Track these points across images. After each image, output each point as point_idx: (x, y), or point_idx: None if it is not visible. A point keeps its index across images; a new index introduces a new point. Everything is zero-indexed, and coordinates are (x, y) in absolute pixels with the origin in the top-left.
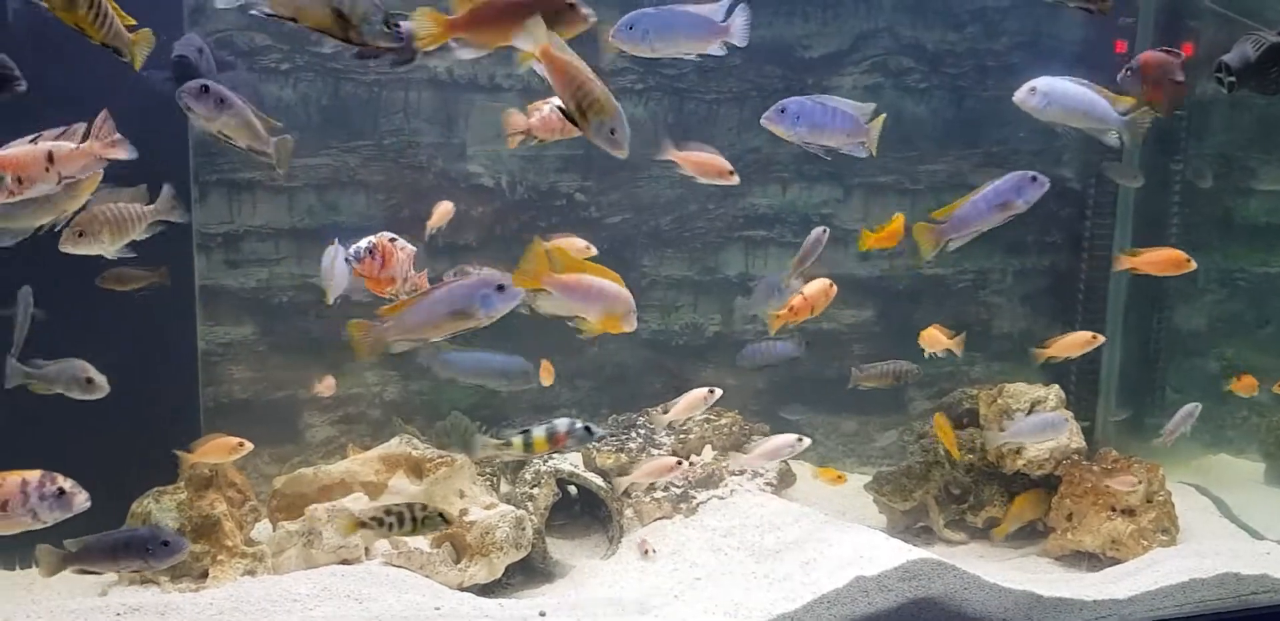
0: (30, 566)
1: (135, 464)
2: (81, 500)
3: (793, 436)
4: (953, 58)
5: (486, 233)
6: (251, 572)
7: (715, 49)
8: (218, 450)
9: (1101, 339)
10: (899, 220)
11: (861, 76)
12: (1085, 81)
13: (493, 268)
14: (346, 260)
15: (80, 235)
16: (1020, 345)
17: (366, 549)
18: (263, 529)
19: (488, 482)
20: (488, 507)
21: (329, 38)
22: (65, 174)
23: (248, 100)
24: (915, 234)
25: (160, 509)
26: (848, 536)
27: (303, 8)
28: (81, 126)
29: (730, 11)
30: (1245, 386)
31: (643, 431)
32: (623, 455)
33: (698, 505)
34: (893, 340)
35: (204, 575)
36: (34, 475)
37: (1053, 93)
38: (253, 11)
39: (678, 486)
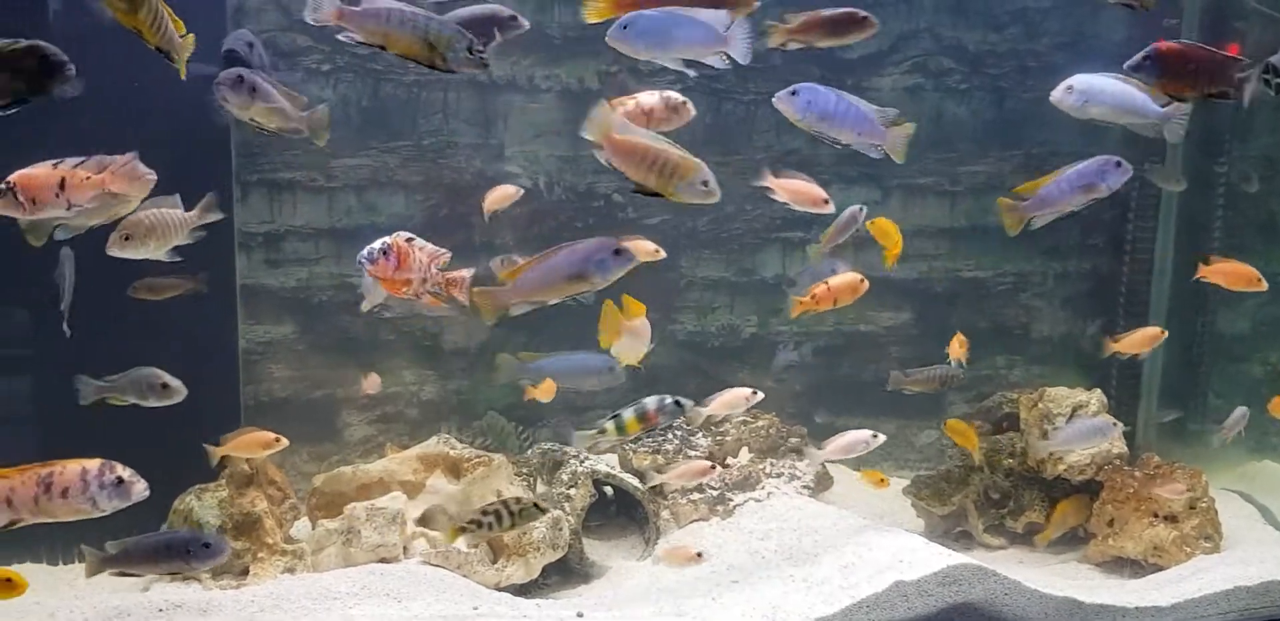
0: (73, 561)
1: (177, 461)
2: (140, 489)
3: (867, 432)
4: (994, 58)
5: (523, 233)
6: (291, 570)
7: (714, 60)
8: (251, 444)
9: (1165, 334)
10: (882, 225)
11: (902, 77)
12: (1121, 77)
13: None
14: (360, 262)
15: (127, 239)
16: (1060, 349)
17: (405, 548)
18: (301, 527)
19: (525, 483)
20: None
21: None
22: (74, 202)
23: (276, 82)
24: (1001, 209)
25: (202, 506)
26: (887, 540)
27: (391, 35)
28: (106, 160)
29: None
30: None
31: (679, 432)
32: (659, 456)
33: (734, 507)
34: (931, 343)
35: (245, 572)
36: (94, 464)
37: (1090, 90)
38: (341, 37)
39: (714, 488)
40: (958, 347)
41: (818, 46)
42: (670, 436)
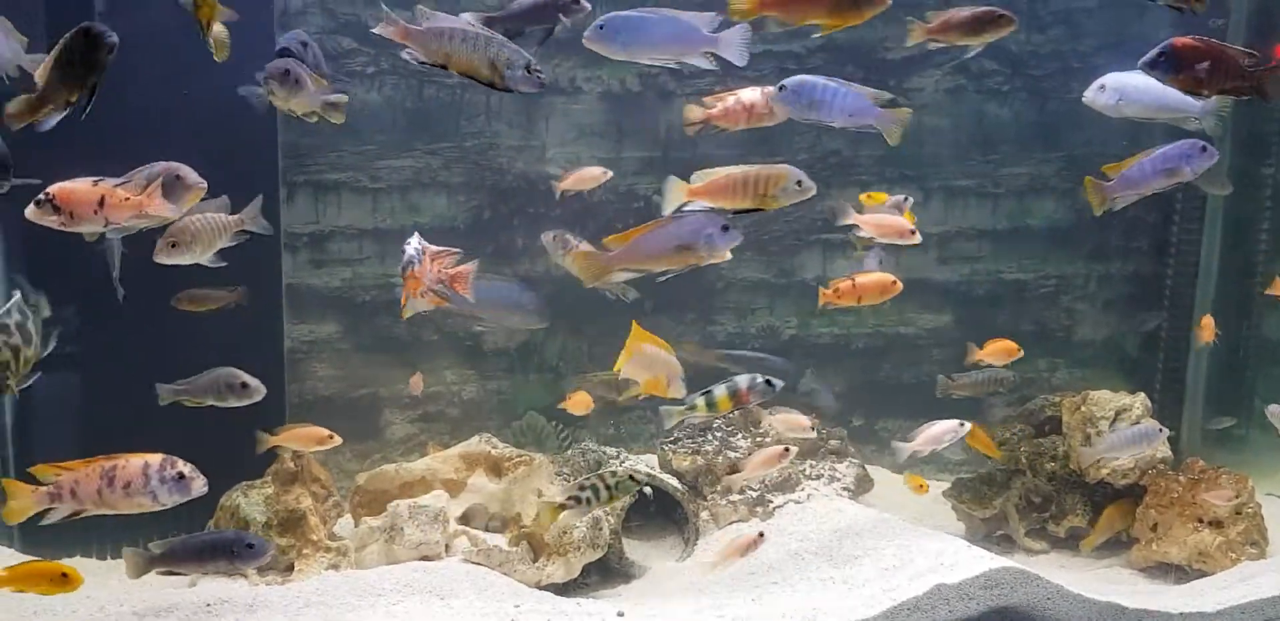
0: (120, 556)
1: (223, 458)
2: (199, 485)
3: (955, 422)
4: (1036, 60)
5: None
6: (335, 567)
7: (700, 60)
8: (305, 437)
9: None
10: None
11: (943, 78)
12: None
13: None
14: (408, 265)
15: (174, 246)
16: (1103, 352)
17: (447, 546)
18: (344, 524)
19: (565, 482)
20: None
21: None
22: (112, 220)
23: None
24: (1086, 188)
25: (248, 502)
26: (928, 543)
27: (453, 55)
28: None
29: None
30: None
31: (719, 433)
32: (699, 457)
33: (774, 509)
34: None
35: (289, 568)
36: (156, 459)
37: (1124, 88)
38: (405, 55)
39: (754, 490)
40: (996, 354)
41: (956, 45)
42: (710, 437)
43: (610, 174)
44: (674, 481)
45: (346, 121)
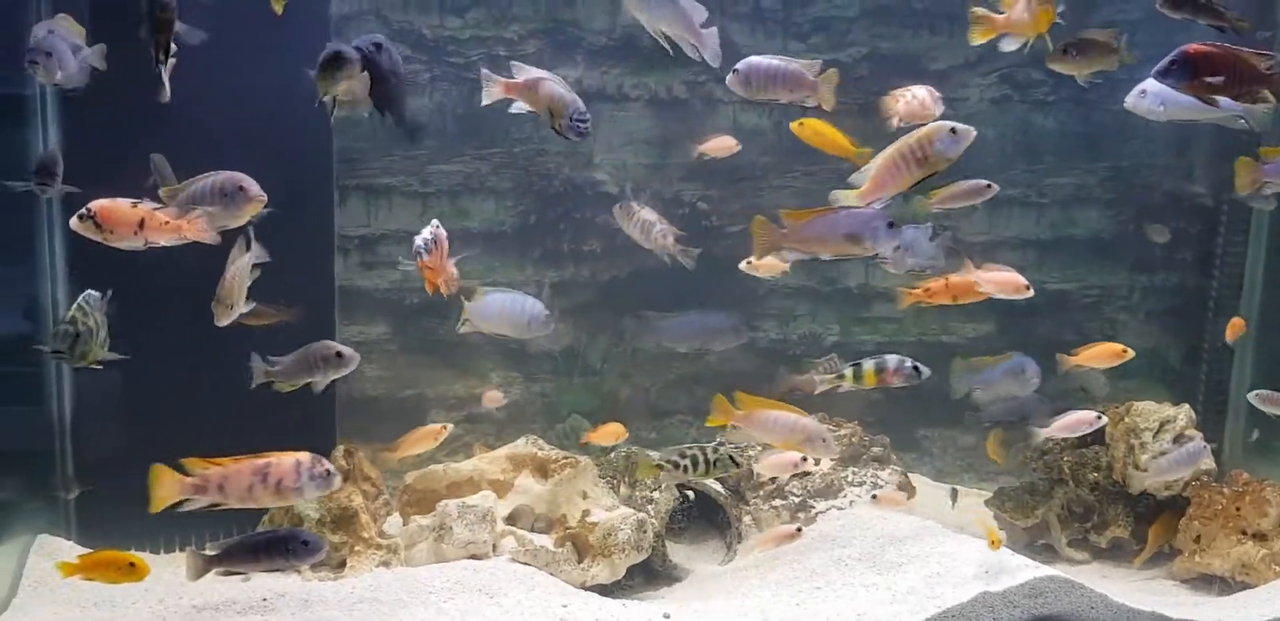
0: (175, 550)
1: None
2: (337, 482)
3: (1092, 413)
4: None
5: (610, 240)
6: (386, 564)
7: (685, 46)
8: (423, 439)
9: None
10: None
11: (989, 88)
12: None
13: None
14: (417, 253)
15: (230, 307)
16: (1146, 363)
17: (494, 545)
18: (393, 522)
19: (609, 485)
20: (609, 509)
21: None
22: (150, 241)
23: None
24: (1237, 167)
25: (305, 503)
26: (972, 551)
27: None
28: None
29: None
30: None
31: None
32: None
33: (816, 514)
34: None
35: (341, 565)
36: (305, 457)
37: (1163, 91)
38: (513, 110)
39: (796, 495)
40: (1099, 358)
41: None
42: (752, 443)
43: (739, 148)
44: (717, 485)
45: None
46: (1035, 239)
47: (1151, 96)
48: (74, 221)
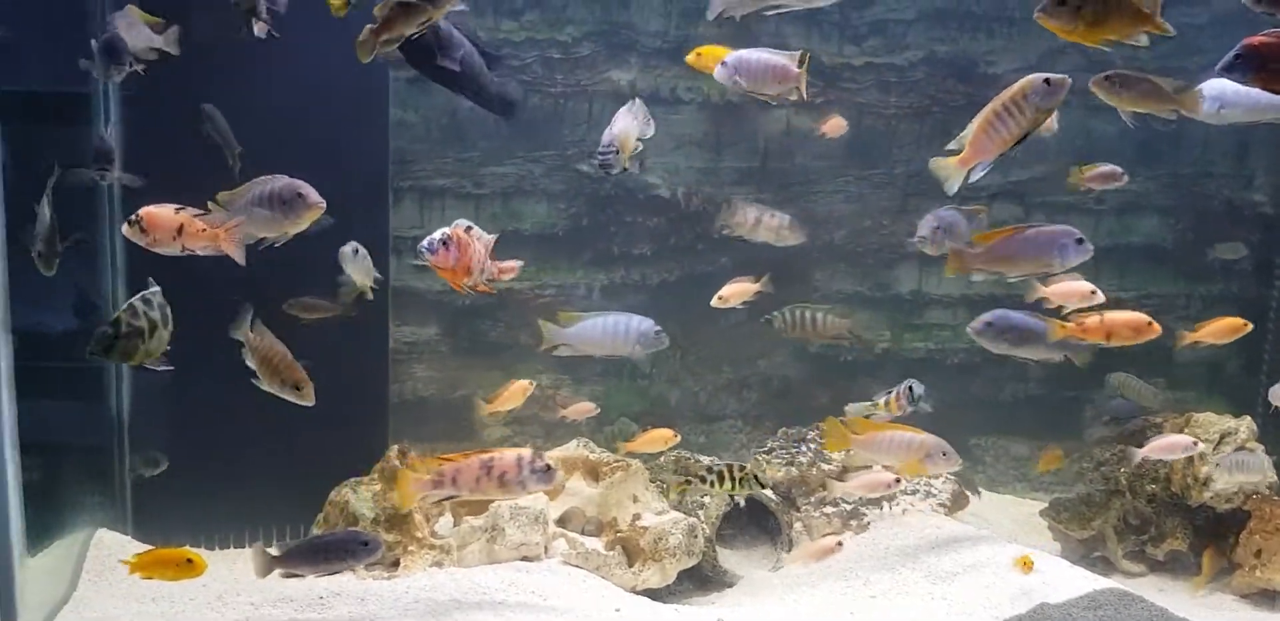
0: (229, 546)
1: (331, 455)
2: (559, 478)
3: (1189, 439)
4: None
5: (661, 243)
6: (439, 564)
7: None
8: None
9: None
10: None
11: None
12: None
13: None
14: (419, 252)
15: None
16: (1204, 373)
17: (545, 547)
18: (444, 522)
19: (659, 489)
20: (660, 514)
21: None
22: (188, 247)
23: None
24: None
25: (357, 499)
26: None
27: None
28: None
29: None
30: None
31: (813, 445)
32: (793, 468)
33: (868, 522)
34: (1071, 364)
35: (395, 564)
36: (526, 452)
37: (1222, 94)
38: None
39: (848, 502)
40: (1219, 333)
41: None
42: (804, 449)
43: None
44: (768, 491)
45: (452, 129)
46: (1093, 246)
47: (1210, 100)
48: (125, 227)
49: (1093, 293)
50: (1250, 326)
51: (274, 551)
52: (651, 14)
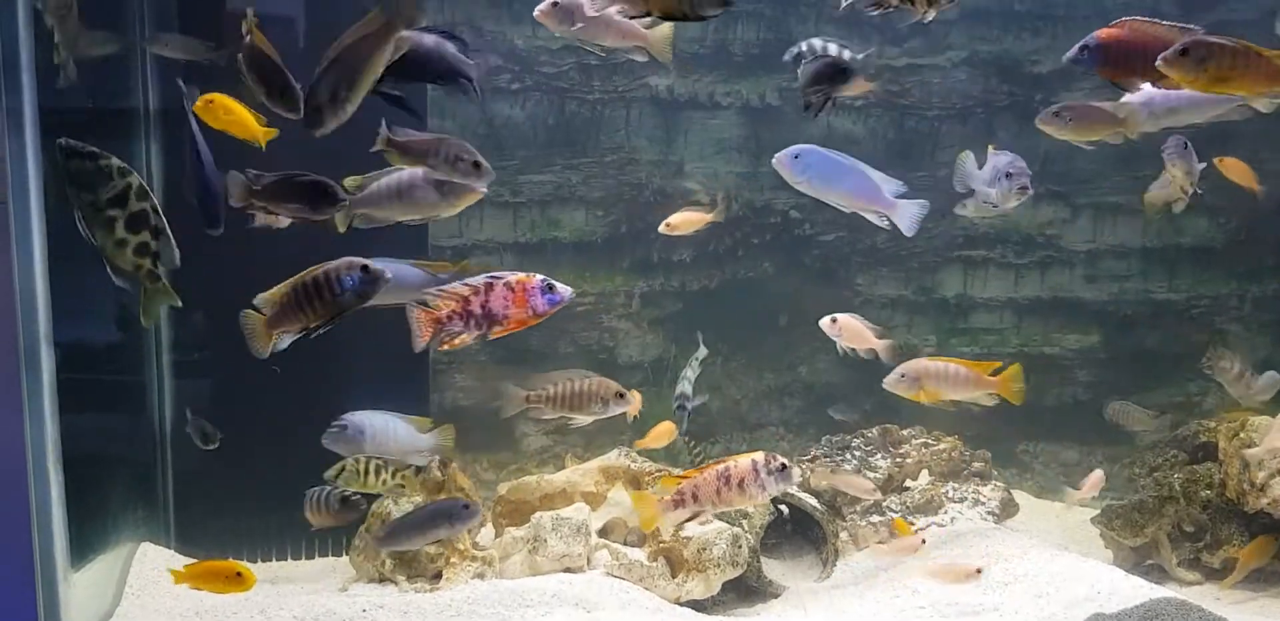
0: (271, 560)
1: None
2: (798, 474)
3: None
4: None
5: (700, 249)
6: (481, 576)
7: (873, 217)
8: (661, 435)
9: None
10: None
11: (1093, 91)
12: None
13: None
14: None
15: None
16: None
17: (588, 558)
18: (484, 533)
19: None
20: (703, 524)
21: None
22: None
23: None
24: None
25: (399, 510)
26: (1083, 571)
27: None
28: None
29: None
30: None
31: (858, 453)
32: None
33: (916, 531)
34: (1120, 367)
35: (437, 576)
36: (760, 455)
37: (1151, 101)
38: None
39: (895, 511)
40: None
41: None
42: (849, 457)
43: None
44: (813, 500)
45: (490, 137)
46: (1141, 247)
47: (1140, 107)
48: None
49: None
50: None
51: (379, 532)
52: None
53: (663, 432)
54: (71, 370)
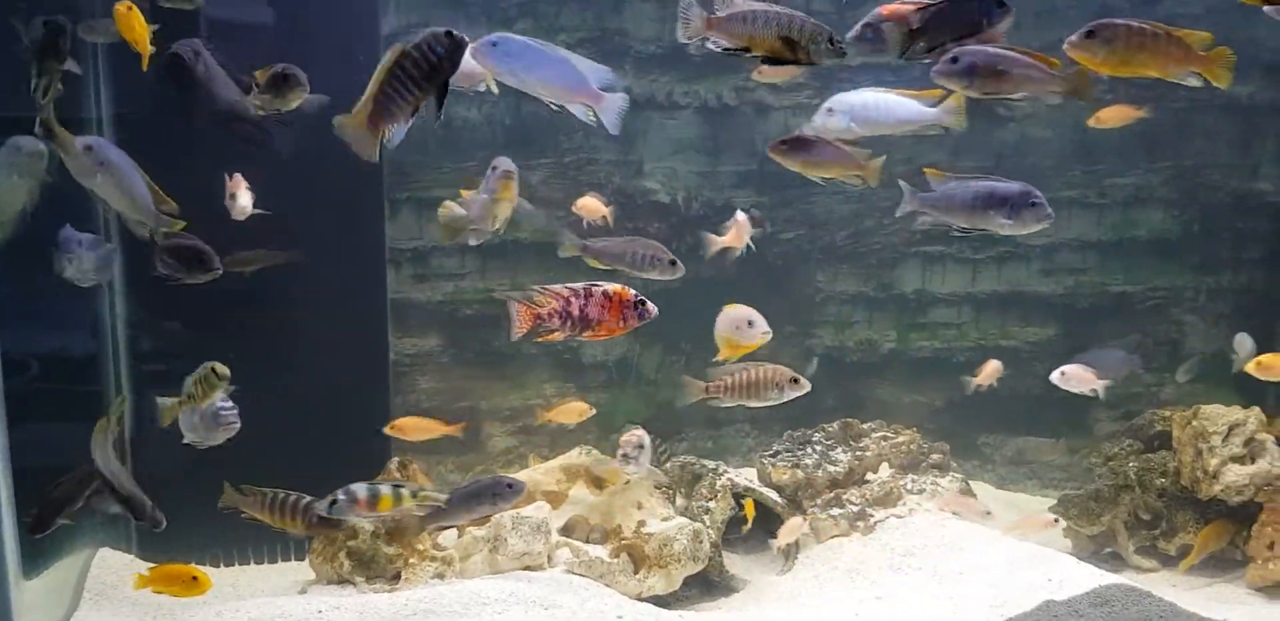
0: (234, 564)
1: (332, 468)
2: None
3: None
4: None
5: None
6: (440, 576)
7: (578, 109)
8: (570, 413)
9: None
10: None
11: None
12: None
13: None
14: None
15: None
16: (1213, 366)
17: (549, 556)
18: (447, 534)
19: (665, 495)
20: (665, 520)
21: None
22: None
23: None
24: None
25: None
26: (1036, 559)
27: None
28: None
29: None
30: None
31: (818, 447)
32: (798, 470)
33: (875, 523)
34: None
35: (396, 577)
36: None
37: (852, 108)
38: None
39: (855, 504)
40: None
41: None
42: (809, 451)
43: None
44: (774, 495)
45: (448, 139)
46: (1096, 240)
47: (840, 116)
48: None
49: None
50: None
51: (419, 512)
52: (644, 20)
53: (573, 410)
54: (24, 378)
